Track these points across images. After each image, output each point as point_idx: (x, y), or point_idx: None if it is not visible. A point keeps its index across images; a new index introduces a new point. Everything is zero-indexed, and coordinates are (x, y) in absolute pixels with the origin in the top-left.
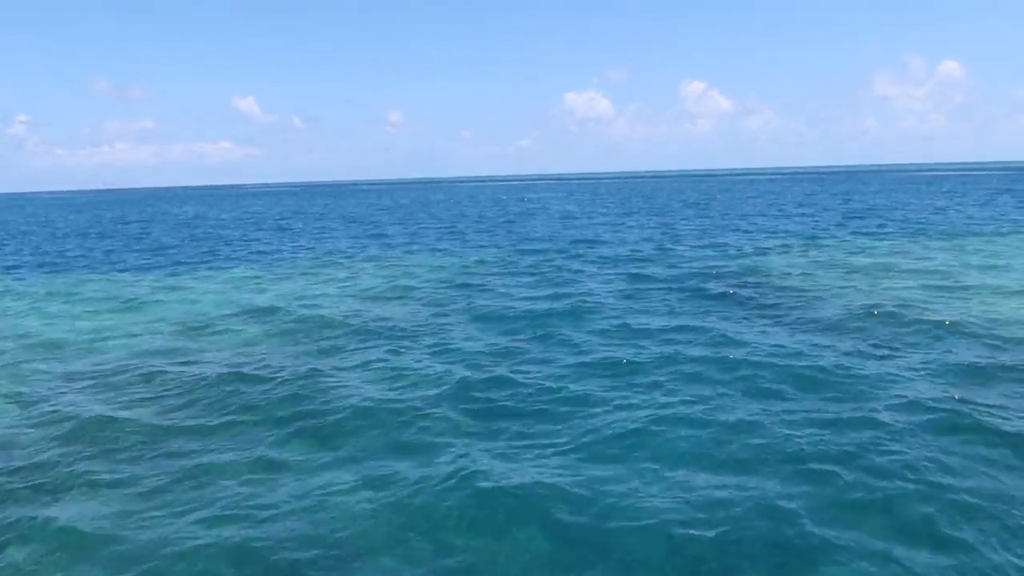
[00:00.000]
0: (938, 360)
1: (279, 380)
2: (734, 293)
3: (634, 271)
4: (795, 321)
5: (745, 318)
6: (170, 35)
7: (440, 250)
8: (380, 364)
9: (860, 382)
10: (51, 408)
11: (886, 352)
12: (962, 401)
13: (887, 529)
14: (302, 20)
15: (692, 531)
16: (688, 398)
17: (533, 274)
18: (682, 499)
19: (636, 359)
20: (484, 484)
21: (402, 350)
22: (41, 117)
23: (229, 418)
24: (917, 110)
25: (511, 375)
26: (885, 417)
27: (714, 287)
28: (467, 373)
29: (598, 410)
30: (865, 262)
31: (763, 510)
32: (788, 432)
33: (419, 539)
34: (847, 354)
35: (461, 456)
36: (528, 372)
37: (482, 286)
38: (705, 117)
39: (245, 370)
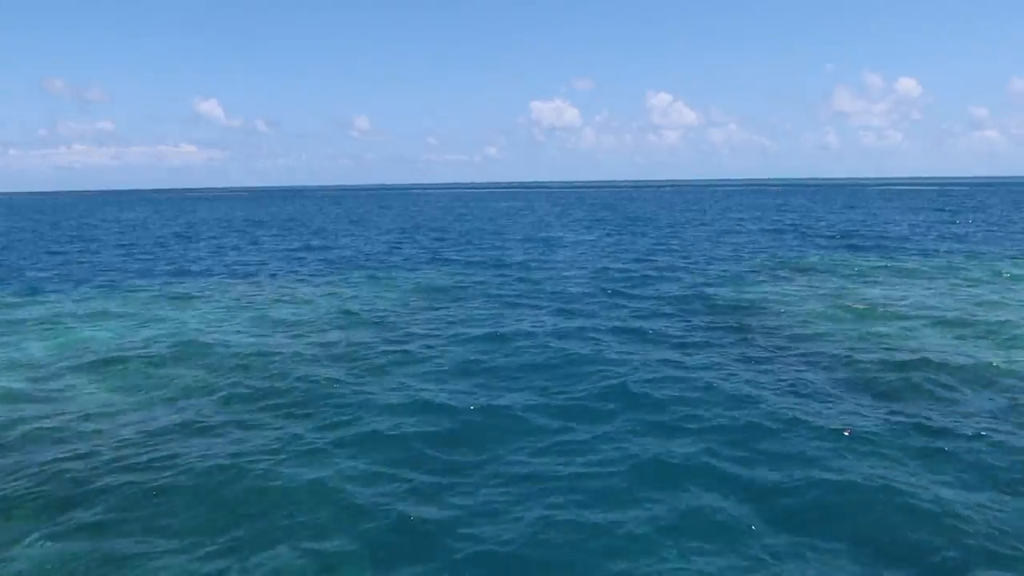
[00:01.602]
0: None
1: None
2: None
3: (585, 321)
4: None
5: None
6: (127, 34)
7: (355, 278)
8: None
9: None
10: None
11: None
12: None
13: None
14: (262, 22)
15: None
16: None
17: (458, 329)
18: None
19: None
20: None
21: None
22: None
23: None
24: (876, 126)
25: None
26: None
27: (691, 338)
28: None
29: None
30: (852, 293)
31: None
32: None
33: None
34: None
35: None
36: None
37: (383, 350)
38: (671, 128)
39: None
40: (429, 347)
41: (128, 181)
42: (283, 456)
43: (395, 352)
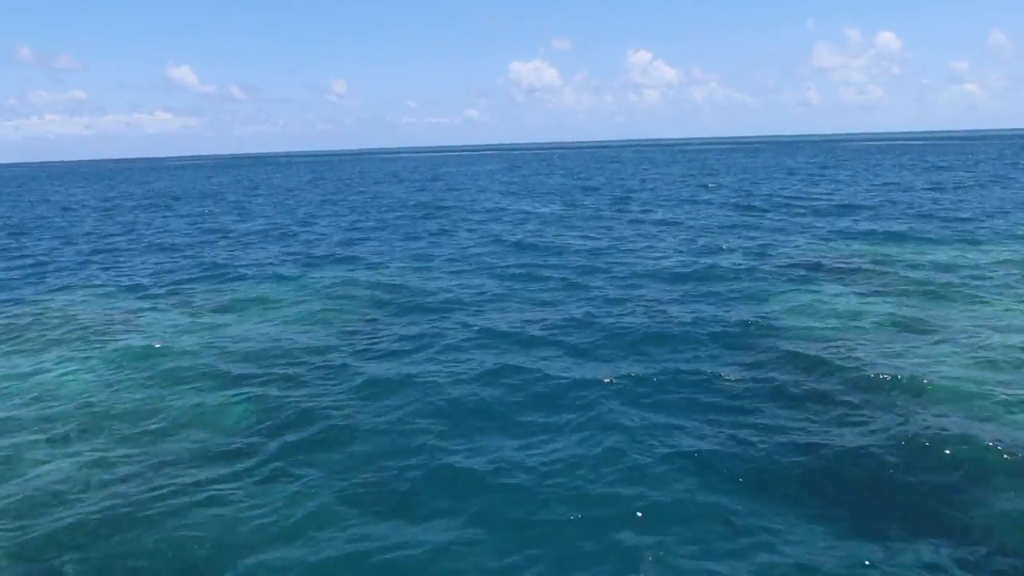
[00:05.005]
0: None
1: None
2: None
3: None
4: None
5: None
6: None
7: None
8: None
9: None
10: None
11: None
12: None
13: None
14: None
15: None
16: None
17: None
18: None
19: None
20: None
21: None
22: None
23: None
24: (856, 81)
25: None
26: None
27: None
28: None
29: None
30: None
31: None
32: None
33: None
34: None
35: None
36: None
37: None
38: (651, 87)
39: None
40: None
41: (103, 151)
42: None
43: None
